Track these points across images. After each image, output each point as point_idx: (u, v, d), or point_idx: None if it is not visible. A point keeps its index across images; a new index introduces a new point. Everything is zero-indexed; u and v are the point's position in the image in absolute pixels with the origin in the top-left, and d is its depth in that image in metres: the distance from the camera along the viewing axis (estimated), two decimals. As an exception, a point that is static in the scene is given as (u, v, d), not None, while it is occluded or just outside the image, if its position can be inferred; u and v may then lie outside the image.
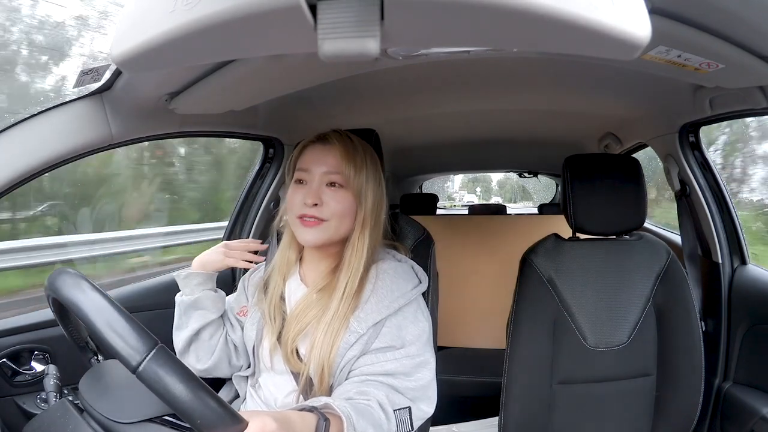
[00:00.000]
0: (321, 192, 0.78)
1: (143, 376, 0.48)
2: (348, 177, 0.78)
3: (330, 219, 0.78)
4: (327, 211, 0.77)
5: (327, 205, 0.78)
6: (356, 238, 0.79)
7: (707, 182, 1.24)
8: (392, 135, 1.64)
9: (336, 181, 0.78)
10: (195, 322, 0.86)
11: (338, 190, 0.78)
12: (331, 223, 0.78)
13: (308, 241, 0.79)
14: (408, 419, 0.72)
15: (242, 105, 1.03)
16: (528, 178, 3.43)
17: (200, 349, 0.88)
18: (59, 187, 3.40)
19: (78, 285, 0.53)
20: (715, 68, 0.74)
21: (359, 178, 0.79)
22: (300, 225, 0.79)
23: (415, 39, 0.34)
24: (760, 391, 1.09)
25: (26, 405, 0.91)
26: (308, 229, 0.78)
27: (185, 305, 0.87)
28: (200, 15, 0.30)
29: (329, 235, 0.79)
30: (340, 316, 0.76)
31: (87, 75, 0.76)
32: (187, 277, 0.87)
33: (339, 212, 0.78)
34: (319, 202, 0.77)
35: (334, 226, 0.78)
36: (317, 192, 0.78)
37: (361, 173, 0.79)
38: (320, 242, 0.79)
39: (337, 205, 0.78)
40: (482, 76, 1.12)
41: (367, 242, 0.79)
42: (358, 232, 0.79)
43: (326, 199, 0.78)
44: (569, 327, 1.09)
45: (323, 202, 0.77)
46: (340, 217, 0.78)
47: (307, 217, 0.77)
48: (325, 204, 0.77)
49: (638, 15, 0.30)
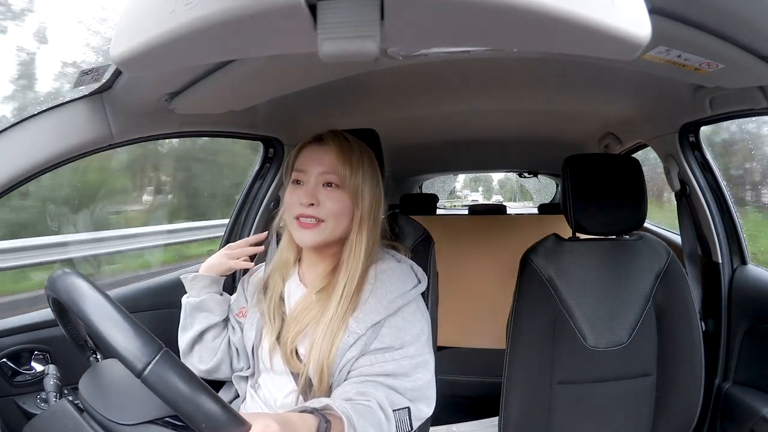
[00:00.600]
0: (317, 192, 0.78)
1: (148, 380, 0.48)
2: (344, 177, 0.78)
3: (327, 219, 0.78)
4: (323, 211, 0.78)
5: (323, 205, 0.78)
6: (354, 238, 0.79)
7: (707, 182, 1.24)
8: (392, 135, 1.64)
9: (332, 181, 0.78)
10: (199, 323, 0.88)
11: (334, 190, 0.78)
12: (328, 223, 0.78)
13: (305, 242, 0.79)
14: (407, 419, 0.72)
15: (242, 105, 1.03)
16: (528, 178, 3.42)
17: (203, 350, 0.89)
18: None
19: (80, 287, 0.53)
20: (715, 68, 0.74)
21: (355, 178, 0.79)
22: (297, 226, 0.79)
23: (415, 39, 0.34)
24: (760, 391, 1.09)
25: (26, 405, 0.91)
26: (305, 230, 0.78)
27: (191, 307, 0.88)
28: (200, 15, 0.30)
29: (326, 236, 0.79)
30: (339, 316, 0.76)
31: (87, 75, 0.76)
32: (194, 280, 0.88)
33: (335, 212, 0.78)
34: (316, 201, 0.77)
35: (330, 226, 0.78)
36: (313, 192, 0.78)
37: (358, 173, 0.79)
38: (317, 243, 0.79)
39: (333, 205, 0.78)
40: (482, 76, 1.12)
41: (365, 243, 0.79)
42: (355, 233, 0.79)
43: (322, 199, 0.78)
44: (569, 327, 1.09)
45: (319, 202, 0.78)
46: (337, 217, 0.78)
47: (304, 217, 0.78)
48: (322, 204, 0.78)
49: (638, 15, 0.30)
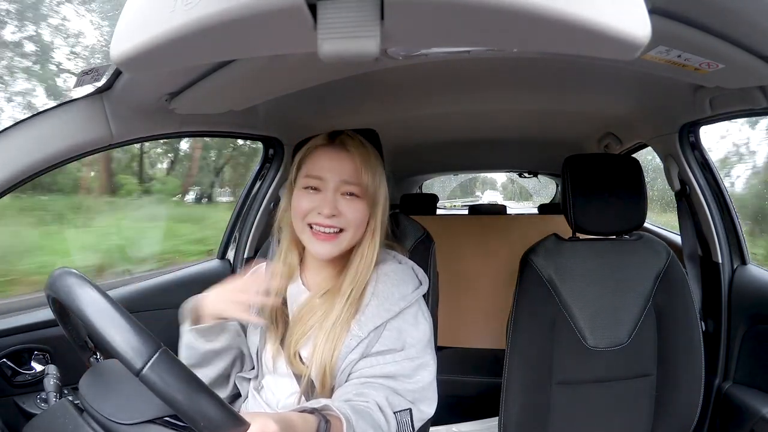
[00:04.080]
0: (337, 202, 0.76)
1: (146, 379, 0.48)
2: (366, 187, 0.76)
3: (347, 229, 0.76)
4: (344, 221, 0.76)
5: (344, 216, 0.75)
6: (366, 245, 0.78)
7: (707, 182, 1.24)
8: (392, 135, 1.64)
9: (354, 192, 0.76)
10: (218, 365, 0.82)
11: (354, 200, 0.77)
12: (347, 234, 0.76)
13: (323, 255, 0.77)
14: (409, 421, 0.72)
15: (242, 105, 1.03)
16: (528, 178, 3.42)
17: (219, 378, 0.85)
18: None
19: (79, 286, 0.53)
20: (715, 68, 0.74)
21: (374, 186, 0.77)
22: (311, 236, 0.76)
23: (415, 39, 0.34)
24: (760, 391, 1.09)
25: (26, 405, 0.90)
26: (324, 243, 0.76)
27: (209, 353, 0.80)
28: (200, 15, 0.30)
29: (344, 247, 0.77)
30: (343, 320, 0.75)
31: (87, 75, 0.76)
32: (208, 330, 0.79)
33: (356, 223, 0.76)
34: (337, 213, 0.75)
35: (349, 237, 0.77)
36: (333, 202, 0.75)
37: (375, 181, 0.78)
38: (335, 255, 0.77)
39: (355, 216, 0.76)
40: (482, 76, 1.12)
41: (376, 249, 0.79)
42: (368, 240, 0.78)
43: (342, 209, 0.76)
44: (569, 327, 1.09)
45: (340, 212, 0.75)
46: (357, 227, 0.77)
47: (322, 227, 0.75)
48: (343, 215, 0.75)
49: (638, 15, 0.30)
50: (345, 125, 0.88)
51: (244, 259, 1.38)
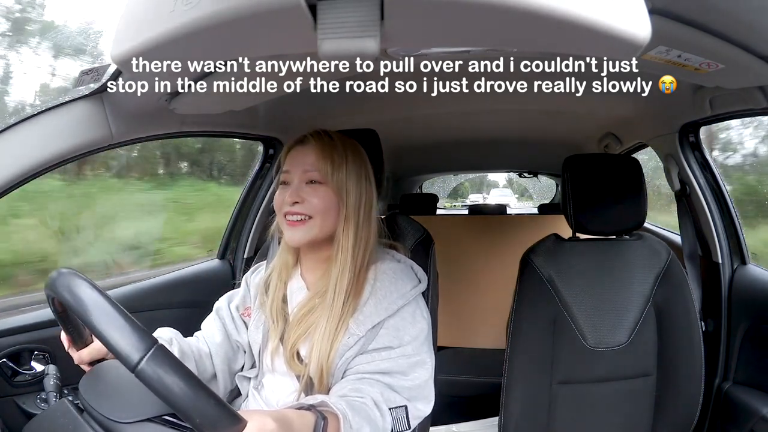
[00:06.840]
0: (301, 190, 0.79)
1: (142, 375, 0.48)
2: (326, 173, 0.79)
3: (314, 216, 0.79)
4: (308, 207, 0.78)
5: (308, 202, 0.79)
6: (341, 233, 0.80)
7: (707, 182, 1.24)
8: (392, 135, 1.63)
9: (314, 179, 0.79)
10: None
11: (318, 187, 0.79)
12: (316, 220, 0.79)
13: (294, 241, 0.80)
14: (404, 417, 0.73)
15: (242, 105, 1.03)
16: (528, 178, 3.42)
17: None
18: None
19: (78, 285, 0.53)
20: (715, 68, 0.74)
21: (338, 173, 0.79)
22: (286, 225, 0.80)
23: (415, 39, 0.34)
24: (760, 391, 1.09)
25: (26, 405, 0.91)
26: (294, 228, 0.79)
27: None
28: (200, 15, 0.30)
29: (314, 234, 0.79)
30: (337, 315, 0.76)
31: (87, 75, 0.76)
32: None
33: (320, 208, 0.79)
34: (300, 199, 0.78)
35: (318, 223, 0.79)
36: (297, 190, 0.79)
37: (341, 169, 0.80)
38: (305, 241, 0.79)
39: (318, 201, 0.79)
40: (482, 76, 1.12)
41: (352, 238, 0.79)
42: (341, 228, 0.80)
43: (306, 196, 0.79)
44: (569, 327, 1.09)
45: (303, 199, 0.79)
46: (323, 214, 0.79)
47: (290, 215, 0.79)
48: (307, 201, 0.79)
49: (638, 15, 0.30)
50: (345, 125, 0.88)
51: (244, 259, 1.38)
